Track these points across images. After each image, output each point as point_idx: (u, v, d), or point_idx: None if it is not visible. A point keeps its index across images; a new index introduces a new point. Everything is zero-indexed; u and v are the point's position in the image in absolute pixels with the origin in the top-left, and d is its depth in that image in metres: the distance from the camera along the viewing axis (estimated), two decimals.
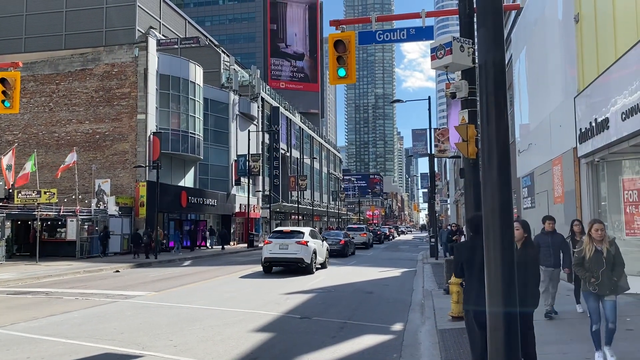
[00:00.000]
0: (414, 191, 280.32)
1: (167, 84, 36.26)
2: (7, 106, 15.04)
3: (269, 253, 19.86)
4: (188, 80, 37.68)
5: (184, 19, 64.60)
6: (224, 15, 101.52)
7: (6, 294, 14.07)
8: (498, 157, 3.93)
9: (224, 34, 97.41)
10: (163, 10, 58.94)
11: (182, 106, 37.22)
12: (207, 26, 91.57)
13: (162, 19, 58.34)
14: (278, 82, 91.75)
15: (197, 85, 38.69)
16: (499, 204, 3.93)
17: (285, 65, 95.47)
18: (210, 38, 63.81)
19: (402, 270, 21.44)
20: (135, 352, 7.41)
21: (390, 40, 11.54)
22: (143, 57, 34.30)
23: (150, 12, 55.78)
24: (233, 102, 45.78)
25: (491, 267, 3.96)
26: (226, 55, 52.20)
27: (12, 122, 35.37)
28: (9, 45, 52.43)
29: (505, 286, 3.91)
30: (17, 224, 28.90)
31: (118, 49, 35.46)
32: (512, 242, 4.06)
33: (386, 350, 7.91)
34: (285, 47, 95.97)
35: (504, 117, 3.99)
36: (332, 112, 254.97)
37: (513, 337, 3.93)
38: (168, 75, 36.31)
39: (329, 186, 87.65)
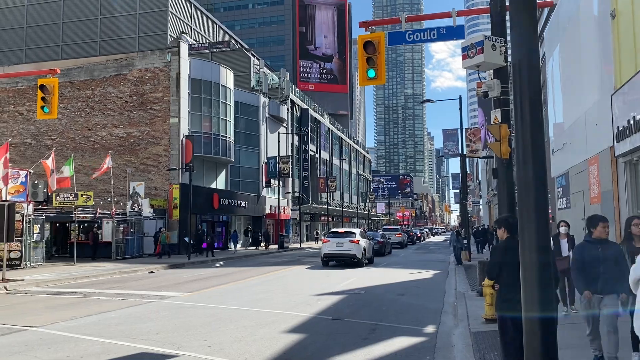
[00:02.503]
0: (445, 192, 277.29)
1: (199, 88, 36.81)
2: (46, 112, 15.54)
3: (327, 250, 23.74)
4: (219, 84, 38.17)
5: (214, 24, 65.51)
6: (254, 19, 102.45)
7: (46, 294, 14.50)
8: (533, 158, 3.88)
9: (254, 37, 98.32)
10: (194, 15, 59.87)
11: (213, 109, 37.73)
12: (237, 30, 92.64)
13: (193, 24, 59.26)
14: (307, 84, 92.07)
15: (227, 88, 39.15)
16: (535, 205, 3.87)
17: (314, 67, 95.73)
18: (240, 42, 64.51)
19: (434, 272, 21.24)
20: (170, 352, 7.55)
21: (420, 41, 11.48)
22: (175, 62, 34.90)
23: (181, 17, 56.75)
24: (263, 105, 46.16)
25: (527, 270, 3.90)
26: (256, 59, 52.67)
27: (50, 127, 36.44)
28: (47, 52, 54.14)
29: (541, 289, 3.85)
30: (56, 226, 29.75)
31: (151, 54, 36.17)
32: (548, 244, 3.99)
33: (419, 352, 7.85)
34: (314, 49, 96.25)
35: (539, 117, 3.93)
36: (361, 113, 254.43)
37: (550, 341, 3.87)
38: (200, 79, 36.85)
39: (359, 187, 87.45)
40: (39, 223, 23.76)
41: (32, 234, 22.64)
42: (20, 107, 37.47)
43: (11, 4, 57.90)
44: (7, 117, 37.67)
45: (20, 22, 57.91)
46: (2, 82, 37.27)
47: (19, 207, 20.20)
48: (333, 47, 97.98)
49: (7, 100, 37.81)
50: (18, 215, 19.77)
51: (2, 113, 37.72)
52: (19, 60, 50.67)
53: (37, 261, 22.95)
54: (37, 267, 22.32)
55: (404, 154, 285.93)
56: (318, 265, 24.71)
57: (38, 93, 15.72)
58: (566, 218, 14.82)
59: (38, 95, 15.72)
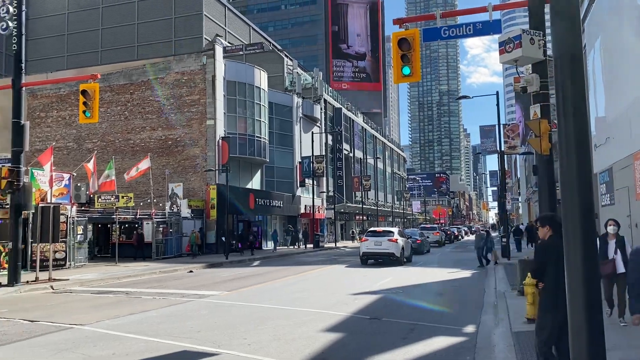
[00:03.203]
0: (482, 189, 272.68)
1: (234, 90, 37.25)
2: (88, 116, 16.01)
3: (366, 248, 24.01)
4: (253, 85, 38.55)
5: (248, 26, 66.13)
6: (287, 20, 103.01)
7: (90, 293, 14.94)
8: (577, 154, 3.79)
9: (287, 38, 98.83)
10: (228, 17, 60.59)
11: (248, 111, 38.13)
12: (270, 31, 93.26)
13: (228, 27, 59.97)
14: (340, 83, 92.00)
15: (262, 89, 39.50)
16: (579, 203, 3.77)
17: (347, 65, 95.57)
18: (273, 43, 64.95)
19: (473, 271, 20.92)
20: (211, 350, 7.67)
21: (455, 36, 11.32)
22: (211, 65, 35.42)
23: (216, 20, 57.51)
24: (296, 105, 46.37)
25: (571, 269, 3.81)
26: (289, 59, 52.96)
27: (91, 131, 37.51)
28: (87, 58, 55.70)
29: (587, 287, 3.75)
30: (98, 227, 30.60)
31: (187, 57, 36.82)
32: (594, 242, 3.89)
33: (459, 352, 7.76)
34: (346, 48, 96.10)
35: (583, 111, 3.83)
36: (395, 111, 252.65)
37: (597, 341, 3.77)
38: (234, 81, 37.30)
39: (393, 186, 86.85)
40: (82, 224, 24.48)
41: (75, 235, 23.35)
42: (62, 112, 38.70)
43: (52, 12, 59.82)
44: (50, 122, 38.97)
45: (61, 30, 59.76)
46: (46, 89, 38.57)
47: (63, 209, 20.87)
48: (366, 45, 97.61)
49: (50, 105, 39.12)
50: (62, 217, 20.43)
51: (46, 118, 39.03)
52: (61, 67, 52.29)
53: (80, 261, 23.66)
54: (81, 267, 23.01)
55: (439, 151, 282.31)
56: (354, 265, 24.68)
57: (80, 98, 16.21)
58: (610, 215, 14.38)
59: (80, 100, 16.20)
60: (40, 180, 19.99)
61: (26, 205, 16.75)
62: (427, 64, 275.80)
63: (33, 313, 11.29)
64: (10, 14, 17.01)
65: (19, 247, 16.45)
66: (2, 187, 16.18)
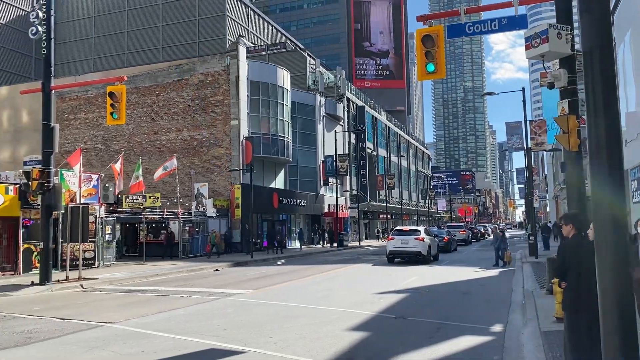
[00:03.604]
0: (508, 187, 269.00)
1: (257, 90, 37.47)
2: (115, 118, 16.28)
3: (392, 247, 24.16)
4: (276, 85, 38.71)
5: (270, 26, 66.47)
6: (309, 19, 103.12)
7: (119, 292, 15.21)
8: (608, 150, 3.70)
9: (309, 37, 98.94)
10: (251, 18, 60.96)
11: (271, 110, 38.31)
12: (293, 30, 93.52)
13: (250, 27, 60.35)
14: (363, 81, 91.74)
15: (285, 89, 39.63)
16: (610, 201, 3.69)
17: (370, 63, 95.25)
18: (296, 42, 65.15)
19: (500, 270, 20.66)
20: (238, 348, 7.74)
21: (480, 32, 11.16)
22: (234, 65, 35.69)
23: (239, 20, 57.93)
24: (319, 104, 46.39)
25: (603, 269, 3.72)
26: (312, 58, 53.02)
27: (118, 132, 38.16)
28: (114, 61, 56.72)
29: (619, 287, 3.67)
30: (126, 227, 31.12)
31: (211, 58, 37.17)
32: (625, 241, 3.80)
33: (487, 351, 7.67)
34: (369, 46, 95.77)
35: (614, 106, 3.75)
36: (419, 109, 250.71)
37: (630, 342, 3.68)
38: (258, 81, 37.51)
39: (418, 184, 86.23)
40: (110, 224, 24.91)
41: (104, 234, 23.78)
42: (90, 114, 39.45)
43: (80, 16, 61.07)
44: (78, 123, 39.77)
45: (89, 33, 61.00)
46: (74, 91, 39.36)
47: (92, 210, 21.27)
48: (389, 42, 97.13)
49: (78, 107, 39.91)
50: (91, 217, 20.82)
51: (75, 120, 39.84)
52: (88, 70, 53.36)
53: (109, 260, 24.09)
54: (110, 266, 23.43)
55: (464, 148, 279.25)
56: (379, 263, 24.62)
57: (107, 100, 16.50)
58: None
59: (107, 102, 16.50)
60: (70, 181, 20.41)
61: (56, 205, 17.11)
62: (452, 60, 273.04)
63: (64, 311, 11.54)
64: (40, 18, 17.41)
65: (50, 247, 16.84)
66: (33, 188, 16.56)
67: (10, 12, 58.26)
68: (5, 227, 19.56)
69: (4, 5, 57.65)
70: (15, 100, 40.24)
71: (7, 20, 57.97)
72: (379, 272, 20.23)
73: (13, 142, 41.00)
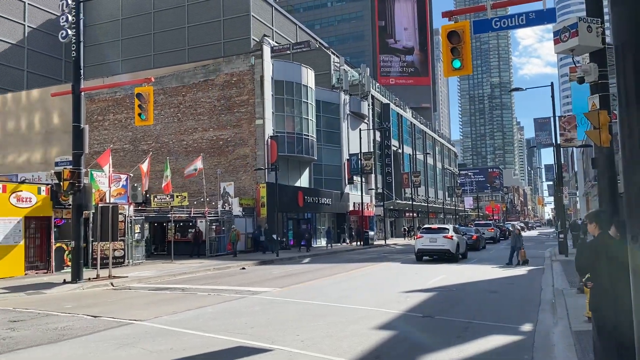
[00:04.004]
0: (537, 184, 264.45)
1: (282, 89, 37.63)
2: (143, 119, 16.55)
3: (421, 245, 24.15)
4: (301, 84, 38.81)
5: (294, 25, 66.64)
6: (333, 17, 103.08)
7: (148, 290, 15.46)
8: None
9: (333, 35, 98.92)
10: (275, 17, 61.20)
11: (295, 109, 38.43)
12: (317, 29, 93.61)
13: (274, 26, 60.60)
14: (387, 78, 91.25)
15: (309, 88, 39.70)
16: None
17: (395, 60, 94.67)
18: (320, 41, 65.18)
19: (528, 268, 20.35)
20: (265, 346, 7.79)
21: (507, 27, 10.99)
22: (259, 65, 35.90)
23: (263, 20, 58.22)
24: (344, 102, 46.33)
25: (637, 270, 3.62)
26: (336, 57, 52.96)
27: (146, 133, 38.77)
28: (141, 62, 57.63)
29: None
30: (154, 226, 31.61)
31: (236, 58, 37.47)
32: None
33: (516, 351, 7.57)
34: (394, 43, 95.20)
35: None
36: (445, 105, 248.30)
37: None
38: (282, 80, 37.66)
39: (444, 182, 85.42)
40: (139, 223, 25.32)
41: (133, 233, 24.19)
42: (119, 115, 40.17)
43: (108, 18, 62.23)
44: (107, 124, 40.53)
45: (116, 35, 62.14)
46: (103, 93, 40.13)
47: (121, 209, 21.65)
48: (414, 39, 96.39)
49: (107, 109, 40.68)
50: (121, 217, 21.19)
51: (104, 121, 40.62)
52: (116, 72, 54.37)
53: (138, 259, 24.49)
54: (139, 264, 23.83)
55: (491, 145, 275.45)
56: (405, 262, 24.49)
57: (135, 101, 16.77)
58: None
59: (135, 104, 16.77)
60: (99, 181, 20.83)
61: (87, 205, 17.47)
62: (478, 56, 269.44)
63: (95, 309, 11.79)
64: (69, 22, 17.78)
65: (81, 246, 17.20)
66: (64, 188, 16.95)
67: (41, 16, 59.71)
68: (38, 227, 20.06)
69: (35, 10, 59.11)
70: (46, 103, 41.22)
71: (38, 25, 59.42)
72: (406, 271, 20.13)
73: (44, 144, 42.01)
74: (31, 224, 19.68)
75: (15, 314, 11.29)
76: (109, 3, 60.73)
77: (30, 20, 58.66)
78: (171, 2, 59.24)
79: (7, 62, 56.14)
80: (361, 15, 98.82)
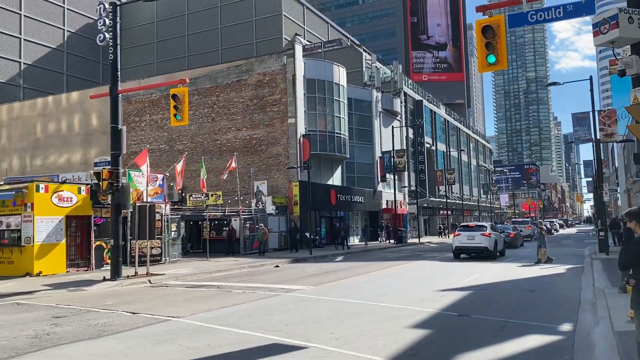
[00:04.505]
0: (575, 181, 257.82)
1: (314, 88, 37.72)
2: (179, 119, 16.84)
3: (459, 243, 24.28)
4: (332, 82, 38.81)
5: (326, 23, 66.70)
6: (364, 14, 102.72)
7: (184, 287, 15.74)
8: None
9: (365, 32, 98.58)
10: (306, 16, 61.40)
11: (327, 108, 38.47)
12: (348, 27, 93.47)
13: (306, 25, 60.79)
14: (420, 75, 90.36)
15: (341, 86, 39.67)
16: None
17: (427, 57, 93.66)
18: (351, 38, 65.07)
19: (567, 267, 19.86)
20: (300, 344, 7.84)
21: (544, 20, 10.74)
22: (291, 64, 36.07)
23: (294, 19, 58.49)
24: (376, 100, 46.12)
25: None
26: (367, 54, 52.77)
27: (181, 133, 39.45)
28: (176, 64, 58.67)
29: None
30: (190, 224, 32.17)
31: (268, 58, 37.74)
32: None
33: (555, 351, 7.41)
34: (426, 39, 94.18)
35: None
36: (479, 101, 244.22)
37: None
38: (314, 79, 37.74)
39: (479, 179, 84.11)
40: (175, 222, 25.79)
41: (170, 232, 24.66)
42: (155, 116, 40.98)
43: (142, 22, 63.57)
44: (144, 125, 41.41)
45: (151, 38, 63.43)
46: (139, 94, 41.01)
47: (158, 208, 22.09)
48: (446, 34, 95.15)
49: (143, 110, 41.55)
50: (157, 215, 21.62)
51: (140, 122, 41.52)
52: (152, 73, 55.52)
53: (174, 257, 24.95)
54: (175, 262, 24.27)
55: (528, 141, 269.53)
56: (440, 260, 24.26)
57: (170, 102, 17.06)
58: None
59: (171, 104, 17.06)
60: (137, 180, 21.30)
61: (125, 204, 17.87)
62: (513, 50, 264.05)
63: (134, 305, 12.07)
64: (107, 26, 18.23)
65: (119, 244, 17.62)
66: (104, 188, 17.40)
67: (80, 21, 61.47)
68: (79, 226, 20.65)
69: (74, 15, 60.88)
70: (85, 105, 42.40)
71: (77, 29, 61.18)
72: (440, 269, 19.92)
73: (84, 145, 43.23)
74: (72, 223, 20.28)
75: (59, 310, 11.67)
76: (145, 6, 61.99)
77: (69, 24, 60.46)
78: (204, 3, 60.13)
79: (48, 65, 58.04)
80: (393, 11, 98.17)
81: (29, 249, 18.82)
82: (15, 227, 19.28)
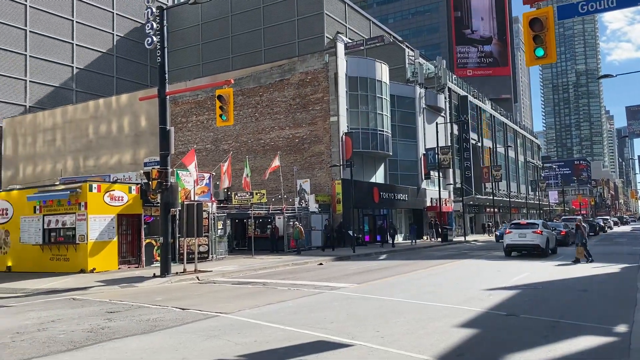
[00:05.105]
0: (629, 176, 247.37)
1: (356, 85, 37.63)
2: (224, 119, 17.13)
3: (510, 240, 24.17)
4: (375, 79, 38.62)
5: (368, 20, 66.37)
6: (407, 10, 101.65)
7: (231, 284, 16.03)
8: None
9: (407, 28, 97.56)
10: (348, 14, 61.29)
11: (370, 105, 38.30)
12: (390, 23, 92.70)
13: (348, 23, 60.69)
14: (465, 70, 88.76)
15: (383, 83, 39.41)
16: None
17: (472, 51, 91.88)
18: (394, 35, 64.49)
19: (621, 266, 19.11)
20: (346, 341, 7.86)
21: (595, 11, 10.35)
22: (333, 63, 36.10)
23: (336, 17, 58.49)
24: (419, 96, 45.58)
25: None
26: (410, 50, 52.18)
27: (226, 133, 40.13)
28: (220, 65, 59.69)
29: None
30: (235, 222, 32.70)
31: (310, 57, 37.89)
32: None
33: (610, 353, 7.17)
34: (470, 33, 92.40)
35: None
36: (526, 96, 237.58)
37: None
38: (356, 77, 37.65)
39: (527, 175, 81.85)
40: (221, 220, 26.28)
41: (216, 229, 25.15)
42: (200, 117, 41.84)
43: (187, 25, 64.95)
44: (190, 126, 42.34)
45: (196, 40, 64.73)
46: (185, 96, 41.95)
47: (205, 206, 22.54)
48: (491, 28, 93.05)
49: (190, 111, 42.49)
50: (204, 214, 22.05)
51: (187, 123, 42.47)
52: (197, 75, 56.60)
53: (221, 254, 25.44)
54: (222, 259, 24.74)
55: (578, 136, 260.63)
56: (487, 259, 23.81)
57: (216, 103, 17.37)
58: None
59: (216, 105, 17.37)
60: (185, 180, 21.81)
61: (174, 203, 18.34)
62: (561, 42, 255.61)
63: (183, 301, 12.39)
64: (154, 29, 18.74)
65: (169, 242, 18.11)
66: (153, 187, 17.92)
67: (128, 25, 63.40)
68: (129, 224, 21.36)
69: (122, 19, 62.84)
70: (134, 107, 43.69)
71: (125, 33, 63.12)
72: (487, 268, 19.54)
73: (133, 145, 44.56)
74: (123, 221, 20.99)
75: (111, 305, 12.11)
76: (190, 9, 63.33)
77: (118, 29, 62.45)
78: (247, 4, 60.88)
79: (98, 69, 60.17)
80: (436, 7, 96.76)
81: (83, 246, 19.60)
82: (70, 225, 20.12)
